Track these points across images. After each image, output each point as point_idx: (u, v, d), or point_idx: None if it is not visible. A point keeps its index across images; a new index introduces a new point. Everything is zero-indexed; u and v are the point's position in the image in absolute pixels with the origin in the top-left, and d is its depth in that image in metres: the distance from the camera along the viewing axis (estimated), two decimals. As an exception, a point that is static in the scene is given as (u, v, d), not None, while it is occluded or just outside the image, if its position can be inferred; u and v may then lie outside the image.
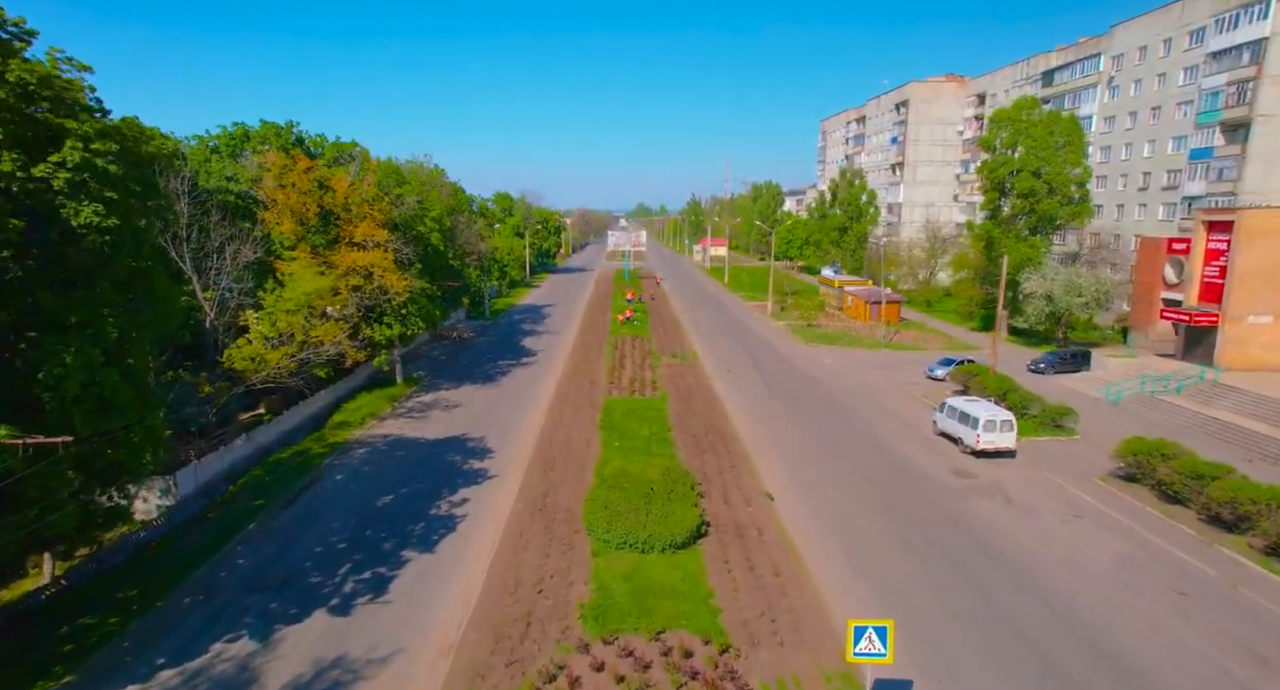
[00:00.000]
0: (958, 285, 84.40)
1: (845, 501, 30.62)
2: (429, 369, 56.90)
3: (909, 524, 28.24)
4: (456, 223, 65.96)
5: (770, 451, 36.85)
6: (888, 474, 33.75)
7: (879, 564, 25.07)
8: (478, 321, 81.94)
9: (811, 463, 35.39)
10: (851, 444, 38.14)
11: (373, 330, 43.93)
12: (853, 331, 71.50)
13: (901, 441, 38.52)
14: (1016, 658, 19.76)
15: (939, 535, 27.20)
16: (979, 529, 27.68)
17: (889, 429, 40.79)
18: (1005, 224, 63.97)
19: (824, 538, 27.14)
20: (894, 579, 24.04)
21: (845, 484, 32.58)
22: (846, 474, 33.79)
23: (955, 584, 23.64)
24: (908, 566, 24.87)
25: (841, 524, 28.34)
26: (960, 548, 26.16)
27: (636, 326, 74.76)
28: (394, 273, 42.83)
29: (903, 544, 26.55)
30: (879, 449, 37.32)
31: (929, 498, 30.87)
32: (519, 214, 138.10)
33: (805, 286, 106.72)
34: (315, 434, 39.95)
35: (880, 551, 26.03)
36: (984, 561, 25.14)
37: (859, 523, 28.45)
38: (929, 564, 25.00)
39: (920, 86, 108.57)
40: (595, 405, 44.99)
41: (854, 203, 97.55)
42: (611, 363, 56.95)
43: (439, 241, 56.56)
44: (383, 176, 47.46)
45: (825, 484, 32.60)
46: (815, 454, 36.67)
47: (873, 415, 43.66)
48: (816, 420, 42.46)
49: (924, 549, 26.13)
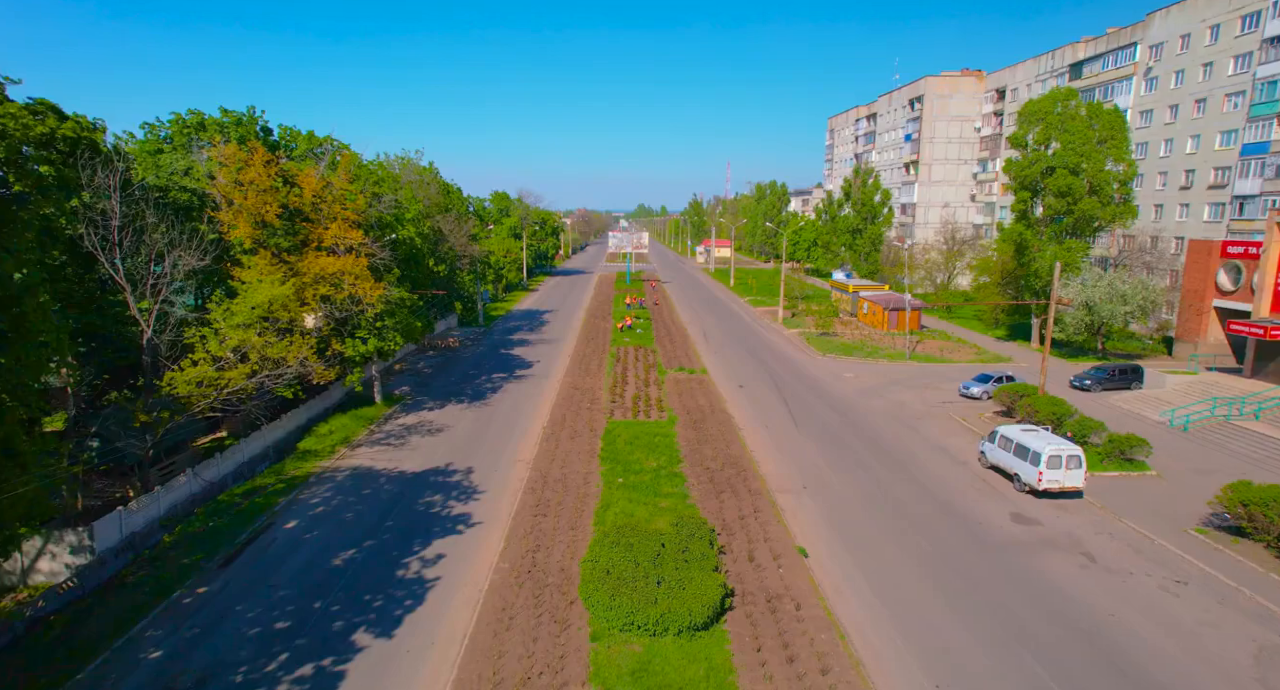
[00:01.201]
0: (980, 291, 79.56)
1: (892, 558, 25.72)
2: (413, 384, 52.00)
3: (975, 590, 23.33)
4: (445, 224, 61.06)
5: (798, 491, 31.94)
6: (937, 519, 28.85)
7: (949, 653, 20.14)
8: (470, 329, 77.07)
9: (847, 506, 30.47)
10: (890, 480, 33.24)
11: (344, 345, 39.05)
12: (872, 341, 66.59)
13: (946, 475, 33.62)
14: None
15: (1014, 607, 22.28)
16: (1061, 599, 22.76)
17: (928, 459, 35.89)
18: (1038, 226, 59.04)
19: (874, 612, 22.21)
20: (972, 677, 19.12)
21: (889, 533, 27.68)
22: (889, 520, 28.89)
23: (1047, 686, 18.73)
24: (985, 657, 19.94)
25: (892, 592, 23.42)
26: (1044, 627, 21.24)
27: (639, 335, 69.88)
28: (368, 280, 37.96)
29: (971, 620, 21.63)
30: (922, 486, 32.42)
31: (992, 553, 25.98)
32: (516, 214, 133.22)
33: (816, 291, 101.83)
34: (276, 465, 35.04)
35: (946, 632, 21.11)
36: (1080, 649, 20.22)
37: (913, 590, 23.54)
38: (1008, 651, 20.08)
39: (936, 81, 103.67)
40: (595, 430, 40.11)
41: (869, 203, 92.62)
42: (613, 378, 52.05)
43: (423, 245, 51.71)
44: (359, 172, 42.58)
45: (865, 534, 27.69)
46: (849, 494, 31.76)
47: (908, 441, 38.76)
48: (846, 450, 37.55)
49: (998, 628, 21.21)
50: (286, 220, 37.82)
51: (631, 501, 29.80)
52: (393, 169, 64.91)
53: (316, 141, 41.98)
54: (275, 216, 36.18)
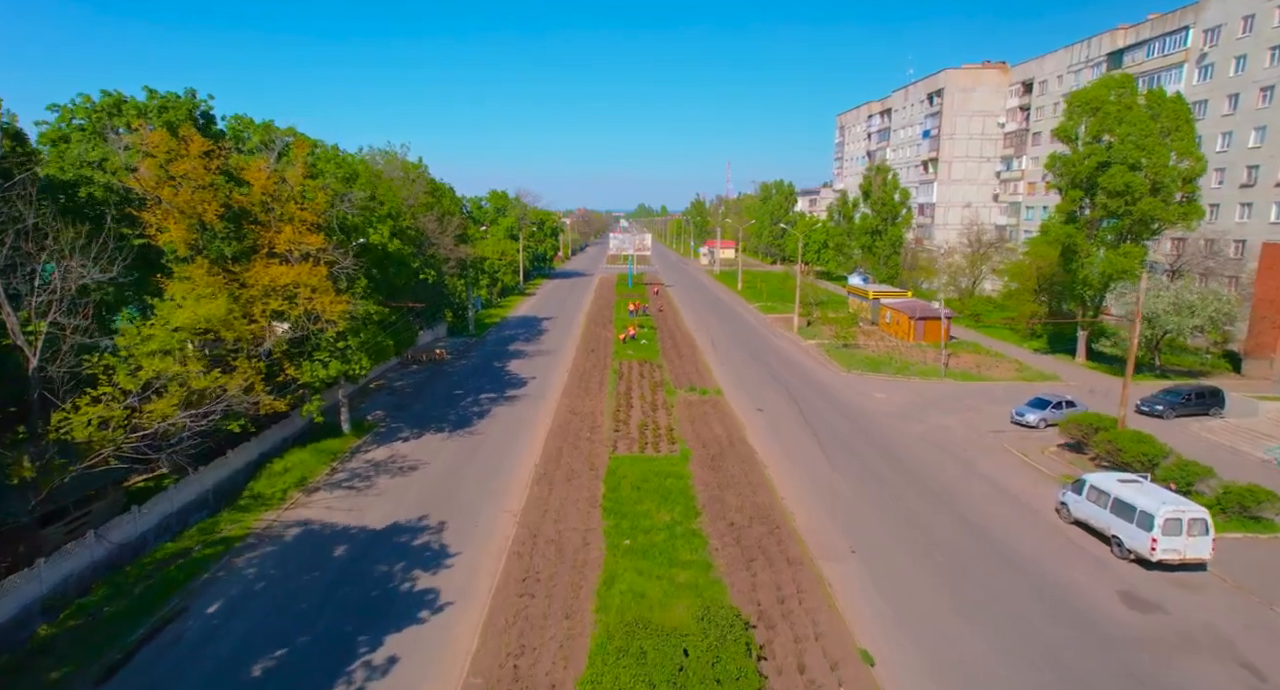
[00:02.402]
0: (1009, 297, 73.64)
1: (985, 664, 19.73)
2: (389, 407, 46.01)
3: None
4: (431, 225, 55.06)
5: (845, 557, 25.93)
6: (1028, 599, 22.86)
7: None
8: (461, 338, 71.10)
9: (909, 579, 24.47)
10: (955, 539, 27.24)
11: (299, 370, 33.09)
12: (900, 354, 60.58)
13: (1021, 532, 27.63)
14: None
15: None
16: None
17: (993, 507, 29.89)
18: (1088, 228, 53.05)
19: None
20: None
21: (973, 623, 21.68)
22: (968, 602, 22.89)
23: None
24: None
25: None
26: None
27: (644, 347, 63.89)
28: (327, 293, 31.97)
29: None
30: (995, 548, 26.43)
31: (1114, 654, 20.00)
32: (513, 214, 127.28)
33: (831, 297, 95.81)
34: (209, 521, 29.05)
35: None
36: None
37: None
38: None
39: (957, 74, 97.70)
40: (596, 467, 34.15)
41: (889, 202, 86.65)
42: (616, 399, 46.06)
43: (404, 249, 45.73)
44: (324, 166, 36.60)
45: (942, 624, 21.70)
46: (909, 561, 25.74)
47: (963, 483, 32.78)
48: (893, 494, 31.55)
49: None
50: (231, 222, 31.85)
51: (641, 573, 23.85)
52: (376, 164, 58.97)
53: (276, 132, 36.08)
54: (216, 217, 30.20)
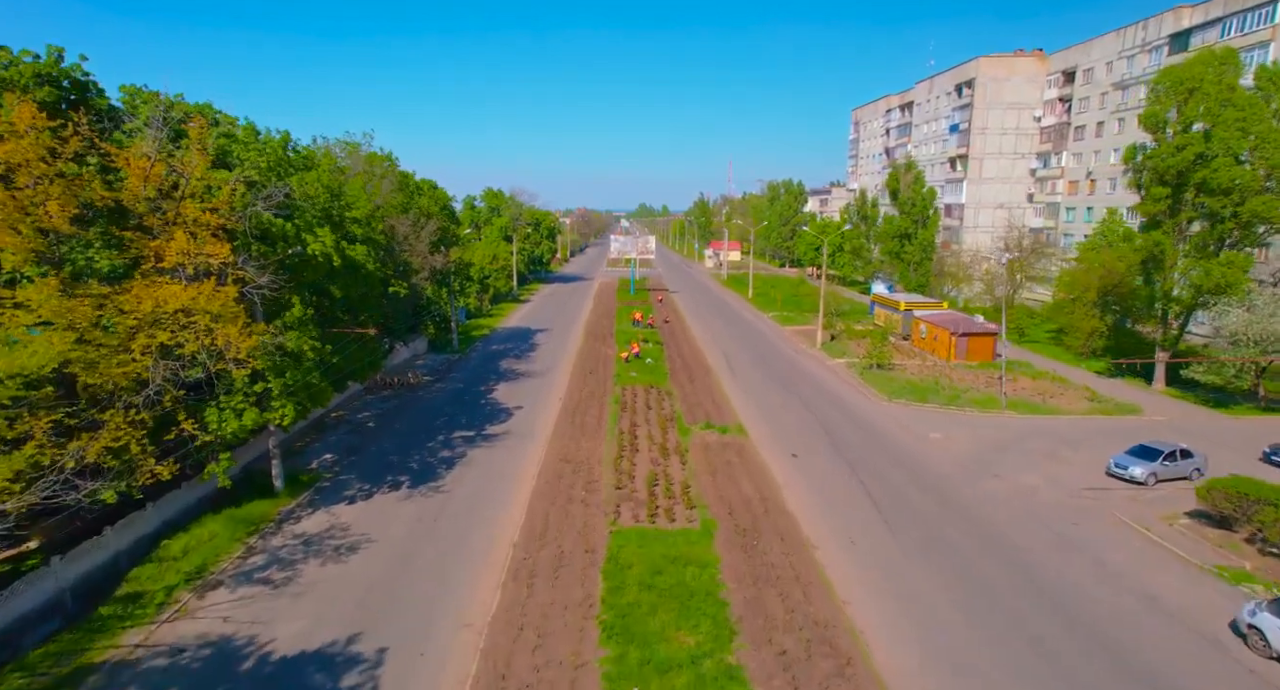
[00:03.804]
0: (1060, 310, 65.54)
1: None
2: (343, 449, 37.85)
3: None
4: (400, 228, 46.81)
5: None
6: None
7: None
8: (442, 355, 62.96)
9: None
10: (1107, 684, 19.08)
11: (201, 422, 24.94)
12: (946, 378, 52.39)
13: (1197, 674, 19.47)
14: None
15: None
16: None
17: (1156, 635, 21.64)
18: (1175, 233, 44.89)
19: None
20: None
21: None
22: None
23: None
24: None
25: None
26: None
27: (649, 368, 55.75)
28: (235, 322, 23.79)
29: None
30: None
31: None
32: (508, 214, 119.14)
33: (853, 306, 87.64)
34: (72, 633, 20.94)
35: None
36: None
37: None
38: None
39: (989, 63, 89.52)
40: (593, 549, 26.03)
41: (920, 203, 78.49)
42: (618, 441, 37.92)
43: (360, 260, 37.62)
44: (240, 152, 28.37)
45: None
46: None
47: (1081, 577, 24.59)
48: (993, 598, 23.35)
49: None
50: (98, 226, 23.70)
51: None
52: (337, 156, 50.79)
53: (185, 109, 27.91)
54: (68, 222, 22.02)
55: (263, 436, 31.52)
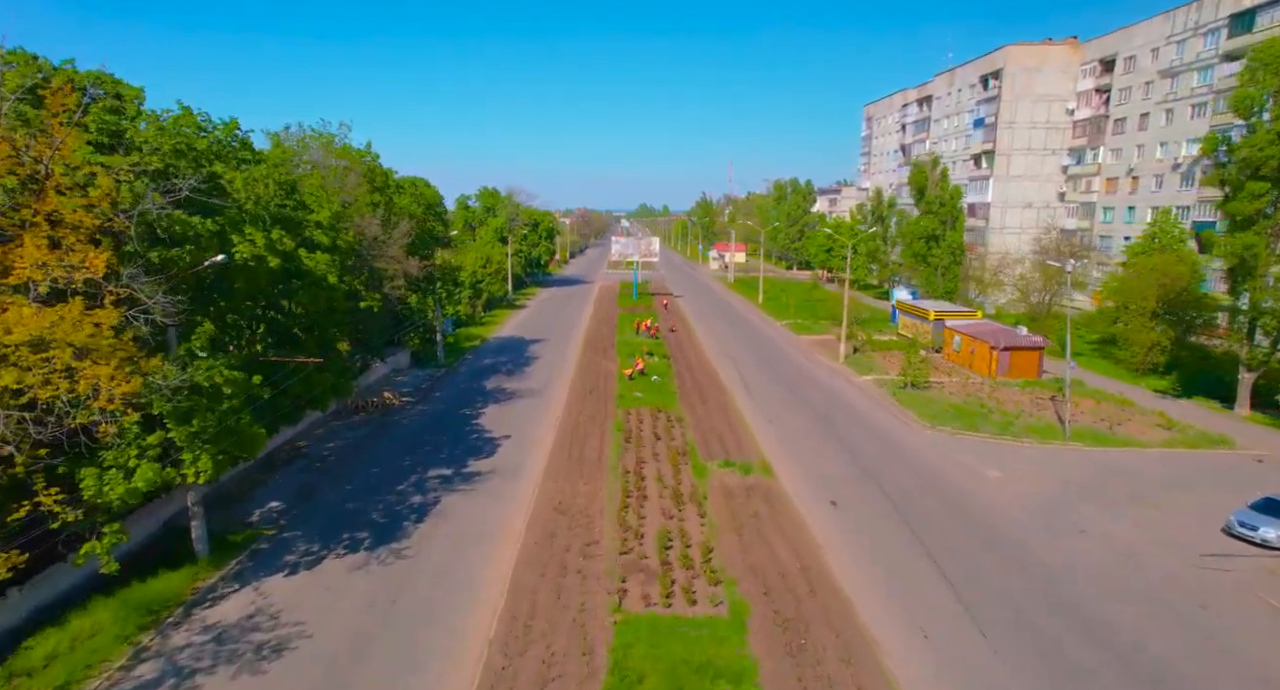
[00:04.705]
0: (1103, 318, 59.60)
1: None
2: (294, 493, 31.71)
3: None
4: (367, 230, 40.66)
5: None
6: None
7: None
8: (427, 370, 56.88)
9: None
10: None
11: (73, 487, 18.84)
12: (990, 400, 46.23)
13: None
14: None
15: None
16: None
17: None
18: (1270, 235, 38.76)
19: None
20: None
21: None
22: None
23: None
24: None
25: None
26: None
27: (656, 386, 49.64)
28: (107, 359, 17.69)
29: None
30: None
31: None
32: (503, 214, 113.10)
33: (873, 313, 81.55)
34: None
35: None
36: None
37: None
38: None
39: (1020, 52, 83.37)
40: (591, 648, 19.94)
41: (949, 203, 72.36)
42: (623, 483, 31.79)
43: (327, 269, 31.61)
44: (132, 133, 22.17)
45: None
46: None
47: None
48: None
49: None
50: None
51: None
52: (309, 148, 44.77)
53: (40, 70, 21.64)
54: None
55: (182, 489, 25.44)
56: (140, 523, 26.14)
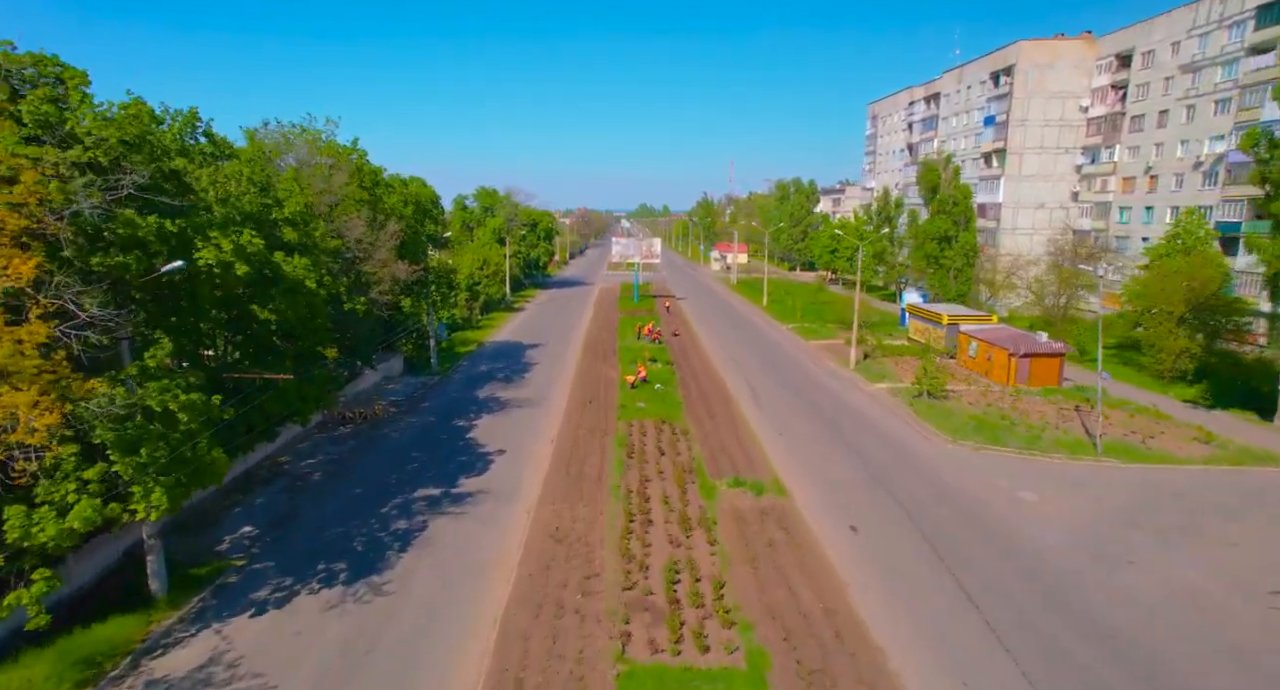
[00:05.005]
0: (1124, 322, 57.34)
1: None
2: (270, 518, 29.21)
3: None
4: (350, 231, 38.15)
5: None
6: None
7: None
8: (420, 378, 54.43)
9: None
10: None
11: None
12: (1013, 410, 43.73)
13: None
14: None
15: None
16: None
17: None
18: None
19: None
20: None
21: None
22: None
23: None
24: None
25: None
26: None
27: (660, 395, 47.15)
28: (28, 384, 15.21)
29: None
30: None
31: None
32: (502, 215, 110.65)
33: (882, 316, 79.09)
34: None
35: None
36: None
37: None
38: None
39: (1032, 47, 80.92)
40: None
41: (962, 202, 69.92)
42: (625, 506, 29.29)
43: (306, 273, 29.19)
44: (95, 130, 19.69)
45: None
46: None
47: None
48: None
49: None
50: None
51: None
52: (294, 145, 42.28)
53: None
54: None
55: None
56: (95, 554, 23.69)
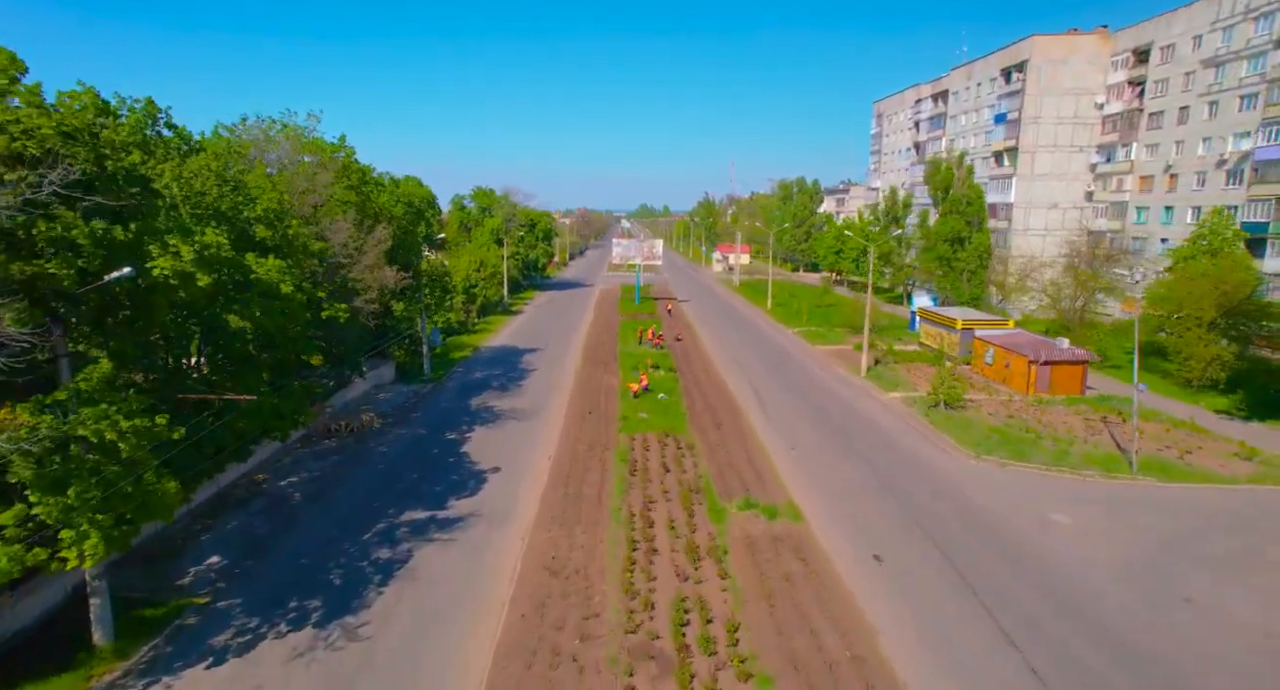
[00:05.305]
0: (1146, 326, 54.93)
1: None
2: (239, 547, 26.77)
3: None
4: (335, 234, 35.77)
5: None
6: None
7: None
8: (411, 386, 52.04)
9: None
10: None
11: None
12: (1040, 424, 41.27)
13: None
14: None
15: None
16: None
17: None
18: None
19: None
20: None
21: None
22: None
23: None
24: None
25: None
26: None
27: (664, 405, 44.72)
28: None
29: None
30: None
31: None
32: (500, 215, 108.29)
33: (891, 319, 76.64)
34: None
35: None
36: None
37: None
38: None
39: (1045, 42, 78.48)
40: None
41: (976, 202, 67.51)
42: (627, 535, 26.87)
43: (280, 277, 26.90)
44: (24, 118, 17.34)
45: None
46: None
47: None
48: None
49: None
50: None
51: None
52: (277, 143, 39.90)
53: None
54: None
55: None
56: (37, 594, 21.29)
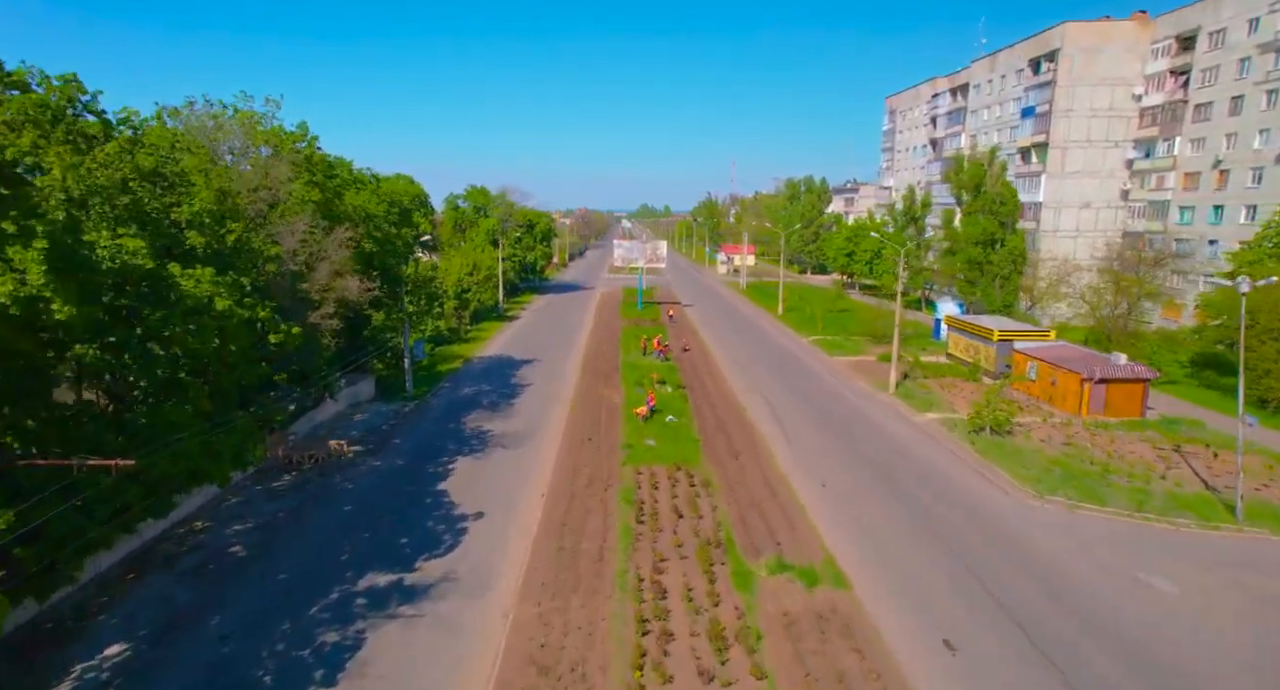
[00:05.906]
0: (1200, 337, 50.13)
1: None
2: (151, 626, 21.59)
3: None
4: (286, 238, 30.59)
5: None
6: None
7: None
8: (393, 404, 46.87)
9: None
10: None
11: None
12: (1106, 454, 36.03)
13: None
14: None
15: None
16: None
17: None
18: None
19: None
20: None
21: None
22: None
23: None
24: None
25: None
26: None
27: (673, 430, 39.52)
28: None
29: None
30: None
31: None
32: (495, 216, 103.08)
33: (914, 327, 71.30)
34: None
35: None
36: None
37: None
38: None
39: (1078, 30, 73.20)
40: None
41: (1009, 201, 62.22)
42: (635, 612, 21.65)
43: (214, 288, 21.76)
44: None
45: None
46: None
47: None
48: None
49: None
50: None
51: None
52: (231, 132, 34.69)
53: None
54: None
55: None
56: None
